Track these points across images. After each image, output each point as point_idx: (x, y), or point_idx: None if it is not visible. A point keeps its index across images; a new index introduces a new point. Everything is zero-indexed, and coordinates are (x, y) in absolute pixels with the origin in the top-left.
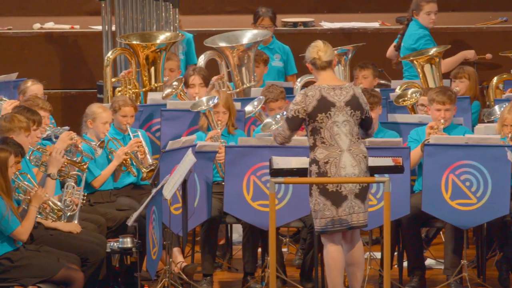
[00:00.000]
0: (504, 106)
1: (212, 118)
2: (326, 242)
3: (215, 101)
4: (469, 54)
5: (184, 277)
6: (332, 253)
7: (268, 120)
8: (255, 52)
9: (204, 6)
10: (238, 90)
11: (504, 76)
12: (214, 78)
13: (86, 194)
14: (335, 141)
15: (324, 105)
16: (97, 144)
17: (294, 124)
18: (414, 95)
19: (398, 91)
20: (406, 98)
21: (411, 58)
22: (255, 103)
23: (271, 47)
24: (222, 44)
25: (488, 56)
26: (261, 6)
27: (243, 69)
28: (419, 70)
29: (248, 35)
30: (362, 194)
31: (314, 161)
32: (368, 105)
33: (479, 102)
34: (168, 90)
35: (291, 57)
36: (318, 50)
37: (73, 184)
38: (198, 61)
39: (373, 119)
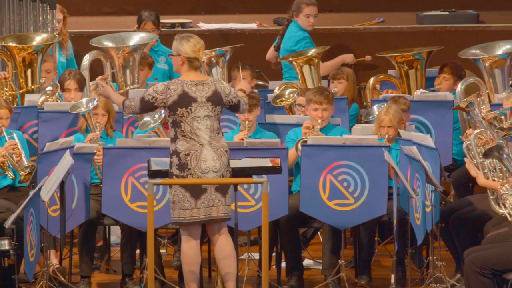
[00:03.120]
0: (382, 106)
1: (91, 120)
2: (183, 236)
3: (95, 103)
4: (348, 58)
5: (62, 278)
6: (186, 248)
7: (146, 119)
8: (140, 55)
9: (81, 7)
10: (121, 91)
11: (381, 76)
12: (98, 78)
13: None
14: (196, 135)
15: (185, 100)
16: None
17: (147, 107)
18: (291, 95)
19: (277, 91)
20: (283, 99)
21: (290, 59)
22: None
23: (156, 49)
24: (108, 44)
25: (368, 58)
26: (143, 10)
27: (128, 70)
28: (298, 71)
29: (135, 37)
30: (223, 188)
31: (175, 153)
32: (232, 94)
33: (358, 105)
34: (42, 98)
35: None
36: (200, 50)
37: None
38: (82, 61)
39: (250, 121)
